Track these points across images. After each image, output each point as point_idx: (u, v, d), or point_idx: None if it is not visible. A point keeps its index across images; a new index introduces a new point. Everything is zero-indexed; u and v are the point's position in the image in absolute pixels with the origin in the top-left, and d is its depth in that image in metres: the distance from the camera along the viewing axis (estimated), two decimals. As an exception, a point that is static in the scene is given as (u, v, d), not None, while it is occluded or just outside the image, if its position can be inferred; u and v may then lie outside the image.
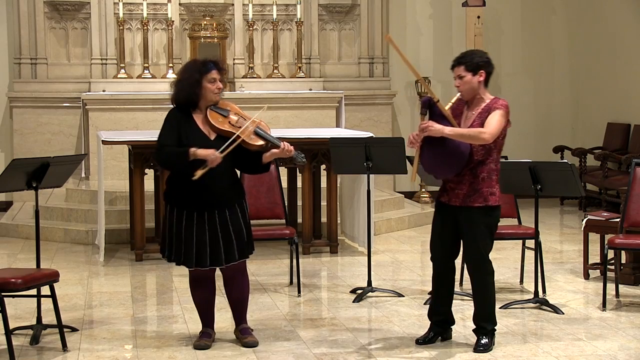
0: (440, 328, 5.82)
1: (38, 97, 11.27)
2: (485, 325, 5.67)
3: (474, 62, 5.57)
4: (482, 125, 5.51)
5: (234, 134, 5.51)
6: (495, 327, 5.73)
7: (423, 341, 5.78)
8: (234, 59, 11.65)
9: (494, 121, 5.48)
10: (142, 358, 5.61)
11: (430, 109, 5.57)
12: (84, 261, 8.57)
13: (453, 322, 5.88)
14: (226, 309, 6.18)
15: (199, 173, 5.42)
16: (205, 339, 5.81)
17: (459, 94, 5.65)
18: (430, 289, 7.12)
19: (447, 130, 5.43)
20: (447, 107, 5.58)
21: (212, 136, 5.59)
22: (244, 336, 5.78)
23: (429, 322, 5.86)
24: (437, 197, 5.81)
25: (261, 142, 5.58)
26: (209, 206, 5.55)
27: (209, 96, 5.58)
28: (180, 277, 7.85)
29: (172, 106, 5.77)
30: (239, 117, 5.62)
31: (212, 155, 5.44)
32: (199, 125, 5.60)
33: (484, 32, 11.77)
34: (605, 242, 7.00)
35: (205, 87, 5.56)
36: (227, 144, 5.48)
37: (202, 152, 5.46)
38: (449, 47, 12.48)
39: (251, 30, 11.62)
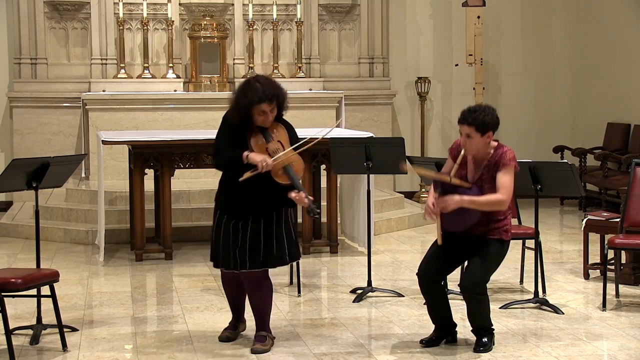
0: (442, 330, 5.81)
1: (38, 97, 11.27)
2: (480, 329, 5.70)
3: (485, 123, 5.54)
4: (491, 179, 5.55)
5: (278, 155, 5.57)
6: (493, 327, 5.73)
7: (427, 342, 5.77)
8: (234, 59, 11.66)
9: (507, 182, 5.52)
10: (142, 358, 5.61)
11: (443, 185, 5.56)
12: (84, 261, 8.57)
13: (455, 324, 5.87)
14: (226, 309, 6.18)
15: (246, 175, 5.50)
16: (230, 330, 5.95)
17: (463, 151, 5.62)
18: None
19: (465, 203, 5.44)
20: (453, 171, 5.59)
21: None
22: (253, 342, 5.75)
23: (431, 324, 5.86)
24: (447, 228, 5.70)
25: (287, 181, 5.59)
26: (251, 214, 5.62)
27: (258, 123, 5.65)
28: (180, 277, 7.85)
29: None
30: (278, 147, 5.64)
31: (264, 161, 5.50)
32: (249, 141, 5.66)
33: (484, 32, 11.76)
34: (605, 242, 7.00)
35: (254, 117, 5.62)
36: (278, 155, 5.53)
37: (254, 157, 5.53)
38: (449, 47, 12.49)
39: (251, 30, 11.62)
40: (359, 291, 7.14)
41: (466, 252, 5.66)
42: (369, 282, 7.14)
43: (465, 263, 5.85)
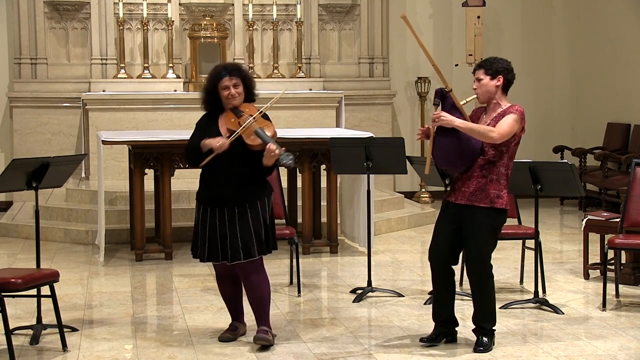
0: (444, 328, 5.81)
1: (38, 97, 11.27)
2: (484, 325, 5.68)
3: (493, 67, 5.71)
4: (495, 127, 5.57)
5: (237, 131, 5.71)
6: (495, 328, 5.73)
7: (427, 340, 5.77)
8: (234, 59, 11.64)
9: (506, 124, 5.56)
10: (142, 358, 5.61)
11: (443, 99, 5.64)
12: (84, 261, 8.57)
13: (457, 324, 5.86)
14: (226, 309, 6.18)
15: (207, 159, 5.66)
16: (230, 331, 5.95)
17: (474, 95, 5.73)
18: (430, 288, 7.15)
19: (458, 122, 5.49)
20: (461, 103, 5.63)
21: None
22: (256, 334, 5.75)
23: (432, 323, 5.85)
24: (444, 197, 5.83)
25: (259, 142, 5.66)
26: (221, 203, 5.68)
27: (226, 102, 5.79)
28: (180, 277, 7.85)
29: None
30: (249, 117, 5.74)
31: (217, 142, 5.62)
32: (219, 126, 5.80)
33: (484, 32, 11.76)
34: (605, 242, 7.00)
35: (221, 94, 5.77)
36: (234, 134, 5.67)
37: (209, 141, 5.68)
38: (449, 47, 12.49)
39: (251, 30, 11.63)
40: (359, 291, 7.14)
41: (463, 229, 5.64)
42: (369, 282, 7.14)
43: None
